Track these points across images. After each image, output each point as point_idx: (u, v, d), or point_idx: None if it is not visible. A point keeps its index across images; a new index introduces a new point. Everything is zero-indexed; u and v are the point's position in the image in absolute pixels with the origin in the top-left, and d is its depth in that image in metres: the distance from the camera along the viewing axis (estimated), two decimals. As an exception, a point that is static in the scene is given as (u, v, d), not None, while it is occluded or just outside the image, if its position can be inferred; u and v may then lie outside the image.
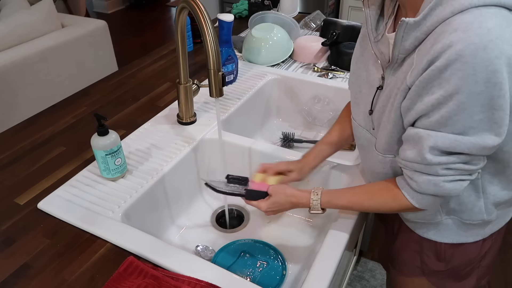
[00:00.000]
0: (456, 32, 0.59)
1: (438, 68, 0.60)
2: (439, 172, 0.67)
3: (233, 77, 1.38)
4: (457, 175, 0.68)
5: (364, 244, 1.84)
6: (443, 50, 0.59)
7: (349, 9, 3.03)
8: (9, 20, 2.26)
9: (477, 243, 0.85)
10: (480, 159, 0.68)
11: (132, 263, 0.77)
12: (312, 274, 0.75)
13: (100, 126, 0.90)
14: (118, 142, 0.93)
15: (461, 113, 0.61)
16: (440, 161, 0.66)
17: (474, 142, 0.62)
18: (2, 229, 0.86)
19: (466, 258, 0.87)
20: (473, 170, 0.68)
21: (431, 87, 0.62)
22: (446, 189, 0.69)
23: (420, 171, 0.69)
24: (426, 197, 0.72)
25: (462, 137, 0.63)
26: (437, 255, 0.88)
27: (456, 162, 0.66)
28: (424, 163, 0.67)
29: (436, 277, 0.92)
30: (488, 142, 0.62)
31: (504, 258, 1.89)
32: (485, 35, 0.57)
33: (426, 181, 0.69)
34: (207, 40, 0.86)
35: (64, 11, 3.71)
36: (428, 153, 0.66)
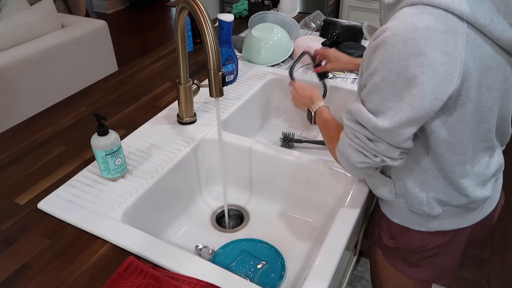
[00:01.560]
0: (395, 20, 0.64)
1: (371, 47, 0.67)
2: (348, 135, 0.76)
3: (233, 77, 1.38)
4: (360, 147, 0.75)
5: (364, 244, 1.84)
6: (379, 33, 0.65)
7: (349, 9, 3.03)
8: (9, 20, 2.26)
9: (421, 234, 0.90)
10: (383, 143, 0.72)
11: (132, 263, 0.77)
12: (312, 274, 0.75)
13: (100, 126, 0.90)
14: (118, 142, 0.93)
15: (375, 93, 0.68)
16: (349, 125, 0.75)
17: (370, 119, 0.70)
18: (2, 229, 0.86)
19: (410, 244, 0.92)
20: (374, 151, 0.73)
21: (369, 63, 0.69)
22: (348, 152, 0.77)
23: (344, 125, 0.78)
24: (340, 155, 0.80)
25: (365, 111, 0.70)
26: (389, 232, 0.95)
27: (360, 132, 0.73)
28: (343, 121, 0.77)
29: (388, 253, 1.00)
30: (378, 124, 0.69)
31: (504, 258, 1.89)
32: (411, 31, 0.61)
33: (343, 137, 0.79)
34: (207, 40, 0.86)
35: (64, 11, 3.71)
36: (344, 113, 0.76)
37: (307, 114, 1.03)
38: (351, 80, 1.40)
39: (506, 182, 2.42)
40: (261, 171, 1.15)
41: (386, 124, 0.68)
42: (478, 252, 1.92)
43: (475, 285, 1.77)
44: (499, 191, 0.93)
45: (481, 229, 0.93)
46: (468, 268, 1.84)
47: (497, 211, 0.95)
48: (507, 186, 2.25)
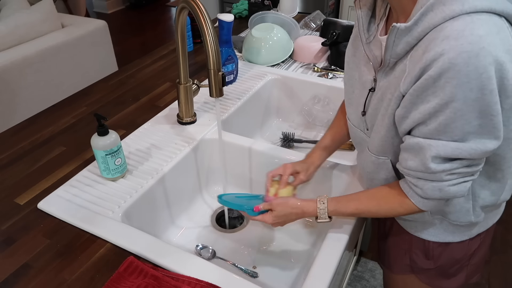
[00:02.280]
0: (447, 40, 0.59)
1: (431, 77, 0.61)
2: (444, 178, 0.68)
3: (233, 77, 1.38)
4: (460, 178, 0.68)
5: (364, 244, 1.84)
6: (435, 58, 0.60)
7: (349, 9, 3.03)
8: (9, 20, 2.26)
9: (463, 243, 0.86)
10: (482, 159, 0.68)
11: (132, 263, 0.77)
12: (312, 274, 0.75)
13: (100, 126, 0.90)
14: (118, 142, 0.93)
15: (458, 119, 0.61)
16: (444, 169, 0.66)
17: (475, 148, 0.63)
18: (2, 229, 0.86)
19: (453, 258, 0.89)
20: (475, 171, 0.69)
21: (426, 96, 0.63)
22: (451, 192, 0.69)
23: (425, 178, 0.69)
24: (432, 201, 0.73)
25: (463, 144, 0.63)
26: (425, 253, 0.89)
27: (459, 167, 0.67)
28: (428, 171, 0.68)
29: (425, 274, 0.93)
30: (488, 146, 0.63)
31: (504, 258, 1.89)
32: (477, 42, 0.57)
33: (431, 188, 0.70)
34: (207, 40, 0.86)
35: (64, 11, 3.71)
36: (432, 162, 0.66)
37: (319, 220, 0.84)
38: (351, 80, 1.40)
39: (506, 182, 2.39)
40: (261, 171, 1.15)
41: (496, 143, 0.63)
42: (478, 252, 1.92)
43: (475, 285, 1.77)
44: None
45: None
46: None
47: None
48: (507, 186, 2.26)
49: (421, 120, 0.65)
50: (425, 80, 0.62)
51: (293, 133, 1.39)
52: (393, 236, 0.96)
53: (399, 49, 0.67)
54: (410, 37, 0.64)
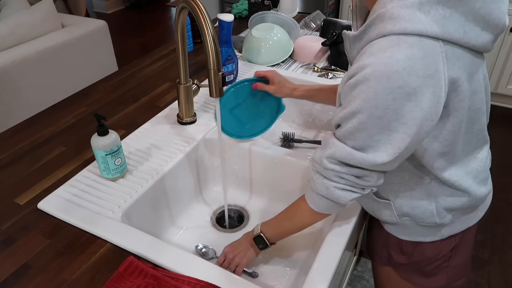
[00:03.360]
0: (371, 56, 0.63)
1: (350, 85, 0.66)
2: (332, 178, 0.73)
3: (233, 77, 1.38)
4: (348, 186, 0.73)
5: (364, 244, 1.84)
6: (357, 70, 0.64)
7: (349, 9, 3.03)
8: (9, 20, 2.26)
9: (434, 243, 0.88)
10: (373, 177, 0.72)
11: (132, 263, 0.77)
12: (312, 274, 0.75)
13: (100, 126, 0.90)
14: (118, 142, 0.93)
15: (361, 131, 0.66)
16: (334, 168, 0.72)
17: (365, 158, 0.67)
18: (2, 229, 0.86)
19: (425, 256, 0.91)
20: (364, 186, 0.73)
21: (346, 101, 0.68)
22: (335, 194, 0.74)
23: (318, 172, 0.75)
24: (322, 200, 0.77)
25: (356, 152, 0.68)
26: (400, 249, 0.93)
27: (348, 173, 0.71)
28: (322, 165, 0.73)
29: (401, 269, 0.97)
30: (377, 160, 0.67)
31: (504, 258, 1.89)
32: (392, 65, 0.60)
33: (320, 183, 0.75)
34: (207, 40, 0.86)
35: (64, 11, 3.71)
36: (325, 159, 0.72)
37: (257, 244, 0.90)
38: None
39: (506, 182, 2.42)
40: (261, 171, 1.15)
41: (386, 157, 0.66)
42: (478, 252, 1.92)
43: (475, 285, 1.77)
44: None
45: (483, 219, 0.93)
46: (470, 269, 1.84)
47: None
48: (506, 186, 2.26)
49: (339, 121, 0.70)
50: (346, 87, 0.67)
51: (293, 133, 1.39)
52: (375, 230, 1.01)
53: (355, 54, 0.71)
54: (359, 45, 0.69)
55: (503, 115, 2.94)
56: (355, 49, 0.71)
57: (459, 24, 0.62)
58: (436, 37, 0.61)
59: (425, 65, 0.61)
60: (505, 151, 2.58)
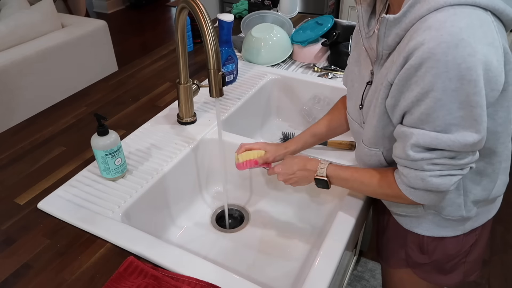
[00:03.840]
0: (429, 30, 0.60)
1: (413, 66, 0.62)
2: (425, 167, 0.68)
3: (233, 77, 1.38)
4: (444, 170, 0.68)
5: (364, 244, 1.84)
6: (416, 47, 0.61)
7: (349, 9, 3.03)
8: (9, 20, 2.26)
9: (457, 238, 0.87)
10: (468, 153, 0.68)
11: (132, 263, 0.77)
12: (312, 274, 0.75)
13: (100, 126, 0.90)
14: (118, 142, 0.93)
15: (439, 109, 0.62)
16: (423, 157, 0.67)
17: (454, 139, 0.63)
18: (2, 229, 0.86)
19: (448, 252, 0.89)
20: (462, 165, 0.68)
21: (410, 84, 0.64)
22: (434, 183, 0.69)
23: (408, 166, 0.71)
24: (418, 192, 0.73)
25: (442, 135, 0.64)
26: (420, 248, 0.91)
27: (440, 157, 0.67)
28: (408, 159, 0.69)
29: (420, 269, 0.95)
30: (468, 139, 0.63)
31: (504, 258, 1.89)
32: (457, 34, 0.58)
33: (414, 176, 0.71)
34: (207, 40, 0.86)
35: (64, 11, 3.71)
36: (410, 150, 0.68)
37: (317, 183, 0.89)
38: (351, 80, 1.40)
39: (506, 182, 2.39)
40: (261, 172, 1.15)
41: (476, 135, 0.63)
42: (478, 252, 1.92)
43: (475, 285, 1.77)
44: None
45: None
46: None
47: None
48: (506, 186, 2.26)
49: (407, 108, 0.66)
50: (407, 69, 0.63)
51: (293, 133, 1.39)
52: (390, 231, 0.98)
53: (390, 41, 0.68)
54: (399, 29, 0.66)
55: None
56: (391, 34, 0.67)
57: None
58: (486, 8, 0.62)
59: (484, 33, 0.60)
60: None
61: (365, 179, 0.82)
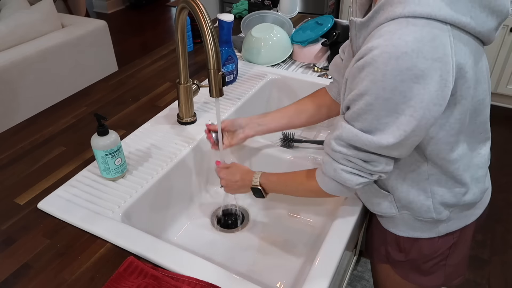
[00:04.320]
0: (379, 38, 0.63)
1: (358, 67, 0.66)
2: (340, 161, 0.74)
3: (233, 77, 1.38)
4: (355, 169, 0.74)
5: (364, 244, 1.84)
6: (366, 52, 0.64)
7: (349, 9, 3.03)
8: (9, 20, 2.26)
9: (432, 240, 0.89)
10: (381, 162, 0.72)
11: (132, 263, 0.77)
12: (312, 274, 0.75)
13: (100, 126, 0.90)
14: (118, 142, 0.93)
15: (369, 113, 0.66)
16: (341, 151, 0.72)
17: (370, 140, 0.67)
18: (2, 229, 0.86)
19: (423, 252, 0.91)
20: (372, 171, 0.73)
21: (354, 84, 0.68)
22: (342, 177, 0.75)
23: (328, 153, 0.77)
24: (329, 182, 0.79)
25: (362, 134, 0.68)
26: (398, 246, 0.93)
27: (355, 156, 0.72)
28: (330, 147, 0.74)
29: (399, 267, 0.98)
30: (382, 142, 0.67)
31: (504, 258, 1.89)
32: (401, 47, 0.60)
33: (328, 164, 0.76)
34: (207, 40, 0.86)
35: (64, 11, 3.71)
36: (333, 140, 0.73)
37: (254, 193, 0.95)
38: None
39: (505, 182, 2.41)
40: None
41: (392, 139, 0.66)
42: (478, 252, 1.92)
43: (475, 285, 1.77)
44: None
45: (482, 218, 0.93)
46: (468, 268, 1.84)
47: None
48: (506, 186, 2.26)
49: (348, 104, 0.71)
50: (354, 69, 0.67)
51: (293, 133, 1.39)
52: (373, 228, 1.01)
53: (360, 42, 0.73)
54: (366, 32, 0.70)
55: (503, 115, 2.94)
56: (361, 37, 0.71)
57: (466, 9, 0.63)
58: (445, 21, 0.62)
59: (433, 48, 0.61)
60: (505, 151, 2.58)
61: (289, 178, 0.89)
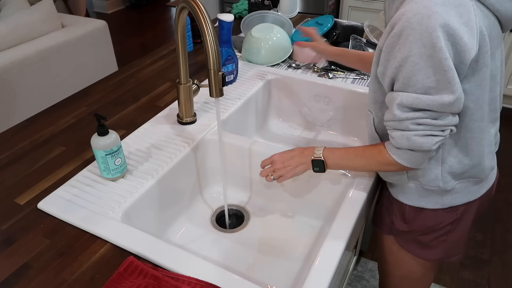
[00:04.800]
0: (410, 3, 0.69)
1: (396, 34, 0.71)
2: (409, 127, 0.76)
3: (233, 77, 1.38)
4: (427, 130, 0.76)
5: (364, 244, 1.84)
6: (399, 17, 0.70)
7: (349, 9, 3.03)
8: (9, 20, 2.26)
9: (435, 212, 0.92)
10: (447, 115, 0.75)
11: (132, 263, 0.77)
12: (312, 274, 0.75)
13: (100, 126, 0.90)
14: (118, 142, 0.93)
15: (417, 73, 0.70)
16: (408, 116, 0.75)
17: (432, 99, 0.71)
18: (2, 229, 0.86)
19: (425, 224, 0.95)
20: (443, 126, 0.75)
21: (394, 52, 0.72)
22: (418, 142, 0.76)
23: (394, 127, 0.78)
24: (405, 152, 0.80)
25: (422, 95, 0.72)
26: (403, 216, 0.97)
27: (423, 117, 0.74)
28: (395, 119, 0.76)
29: (401, 237, 1.01)
30: (444, 99, 0.71)
31: (504, 258, 1.89)
32: (431, 7, 0.67)
33: (399, 136, 0.78)
34: (207, 40, 0.86)
35: (64, 11, 3.71)
36: (397, 109, 0.75)
37: (314, 166, 0.92)
38: (351, 80, 1.40)
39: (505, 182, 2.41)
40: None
41: (452, 97, 0.70)
42: (478, 252, 1.92)
43: (475, 285, 1.77)
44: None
45: (485, 201, 0.97)
46: (468, 268, 1.84)
47: (495, 183, 1.00)
48: (506, 186, 2.26)
49: (393, 75, 0.74)
50: (392, 37, 0.72)
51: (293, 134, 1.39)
52: (382, 199, 1.05)
53: (392, 13, 0.77)
54: (398, 2, 0.76)
55: (503, 115, 2.92)
56: (393, 7, 0.77)
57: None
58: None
59: (460, 14, 0.68)
60: (505, 151, 2.58)
61: (358, 152, 0.89)
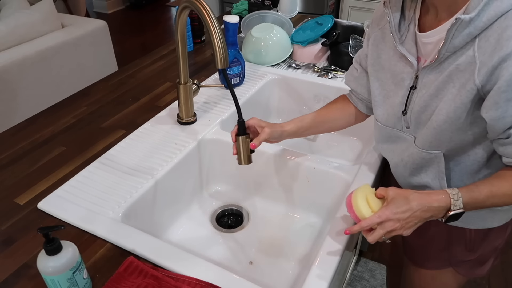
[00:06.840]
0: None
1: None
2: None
3: (239, 79, 1.36)
4: None
5: (364, 244, 1.84)
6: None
7: (349, 9, 3.03)
8: (9, 20, 2.26)
9: (502, 227, 0.87)
10: None
11: (132, 263, 0.77)
12: (312, 274, 0.75)
13: (48, 243, 0.65)
14: (77, 253, 0.70)
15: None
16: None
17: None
18: (2, 229, 0.86)
19: (493, 244, 0.89)
20: None
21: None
22: None
23: None
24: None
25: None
26: (465, 244, 0.89)
27: None
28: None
29: (463, 266, 0.94)
30: None
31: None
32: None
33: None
34: (214, 38, 0.84)
35: (64, 11, 3.70)
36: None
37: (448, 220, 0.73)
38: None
39: (506, 182, 2.39)
40: (261, 171, 1.14)
41: None
42: (478, 252, 1.92)
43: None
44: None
45: None
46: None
47: None
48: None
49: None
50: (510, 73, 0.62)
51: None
52: (429, 232, 0.93)
53: (457, 42, 0.67)
54: (473, 28, 0.65)
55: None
56: (460, 36, 0.66)
57: None
58: None
59: None
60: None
61: (506, 188, 0.72)
